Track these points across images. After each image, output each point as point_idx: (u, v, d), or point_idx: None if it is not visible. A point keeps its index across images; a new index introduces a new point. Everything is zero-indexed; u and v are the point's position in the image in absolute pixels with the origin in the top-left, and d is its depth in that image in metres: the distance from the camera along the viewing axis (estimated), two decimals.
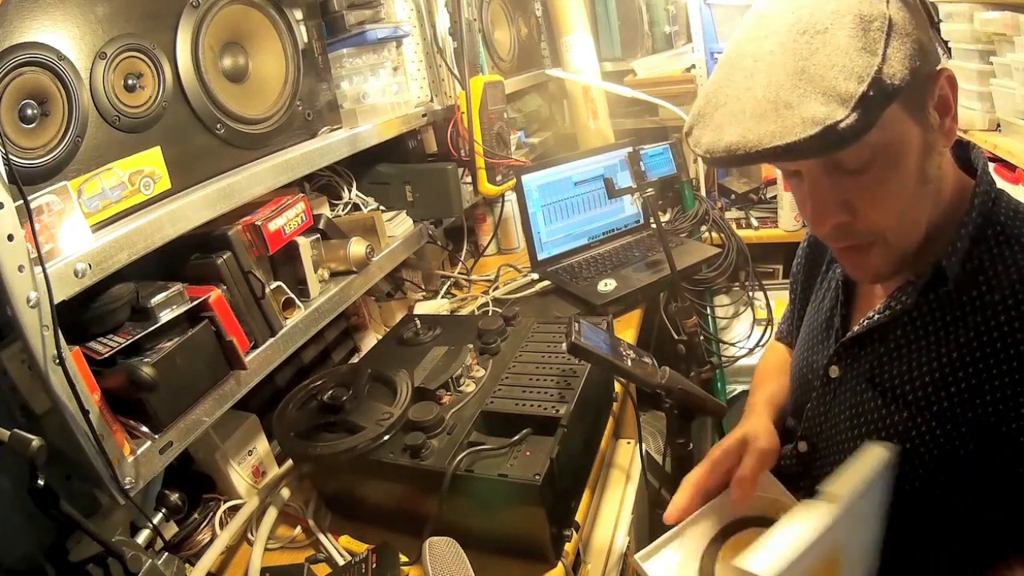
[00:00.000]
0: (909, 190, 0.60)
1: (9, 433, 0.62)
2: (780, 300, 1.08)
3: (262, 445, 1.09)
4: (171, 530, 0.93)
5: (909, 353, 0.66)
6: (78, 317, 0.75)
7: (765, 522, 0.68)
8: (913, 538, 0.68)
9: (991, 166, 1.30)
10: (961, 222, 0.63)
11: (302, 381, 1.03)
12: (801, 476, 0.79)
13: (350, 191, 1.34)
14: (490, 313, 1.45)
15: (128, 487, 0.73)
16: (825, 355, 0.76)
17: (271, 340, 0.96)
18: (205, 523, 0.97)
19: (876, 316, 0.69)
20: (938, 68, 0.58)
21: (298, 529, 0.97)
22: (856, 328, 0.72)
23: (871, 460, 0.58)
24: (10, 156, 0.65)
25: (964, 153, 0.69)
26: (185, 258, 0.91)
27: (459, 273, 1.76)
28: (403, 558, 0.84)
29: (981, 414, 0.60)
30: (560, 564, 0.84)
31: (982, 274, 0.62)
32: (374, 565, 0.82)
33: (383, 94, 1.28)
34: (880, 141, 0.55)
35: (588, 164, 1.66)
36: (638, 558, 0.68)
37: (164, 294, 0.82)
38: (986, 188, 0.64)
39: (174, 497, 0.92)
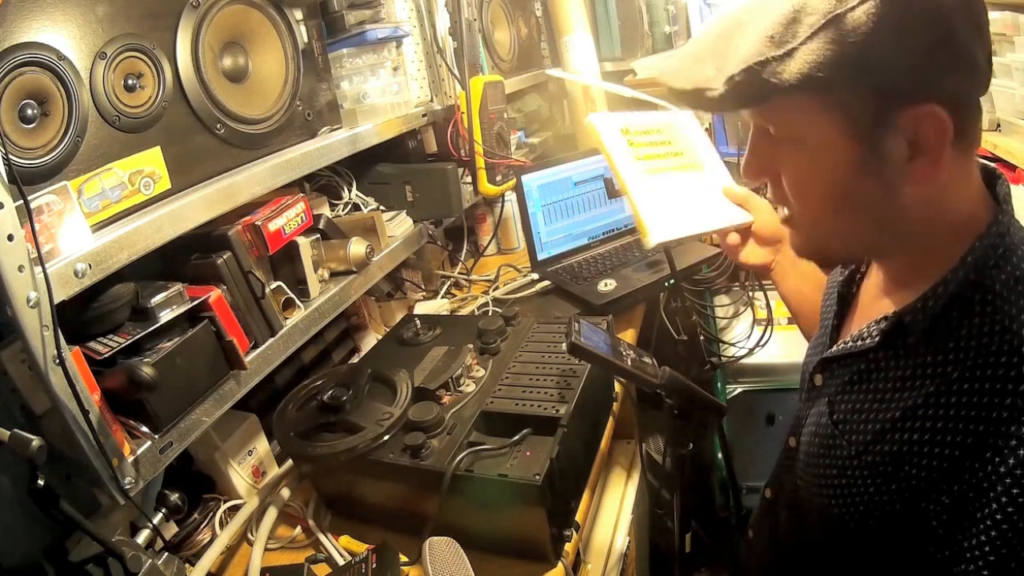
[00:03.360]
0: (819, 192, 0.58)
1: (9, 433, 0.62)
2: (780, 300, 1.10)
3: (262, 445, 1.09)
4: (171, 530, 0.93)
5: (863, 393, 0.64)
6: (78, 317, 0.75)
7: None
8: (859, 558, 0.67)
9: (991, 167, 1.30)
10: (944, 277, 0.56)
11: (302, 381, 1.03)
12: (789, 470, 0.79)
13: (350, 191, 1.34)
14: (490, 313, 1.45)
15: (128, 487, 0.73)
16: (813, 361, 0.76)
17: (271, 340, 0.96)
18: (205, 523, 0.97)
19: (849, 343, 0.67)
20: (923, 100, 0.51)
21: (298, 529, 0.97)
22: (834, 348, 0.70)
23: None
24: (10, 156, 0.65)
25: (992, 184, 0.62)
26: (185, 258, 0.91)
27: (459, 273, 1.76)
28: (403, 558, 0.84)
29: (905, 484, 0.57)
30: (560, 564, 0.84)
31: (952, 340, 0.56)
32: (374, 565, 0.82)
33: (383, 94, 1.28)
34: (790, 128, 0.57)
35: (588, 164, 1.66)
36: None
37: (164, 294, 0.82)
38: (992, 242, 0.55)
39: (174, 497, 0.92)
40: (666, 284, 1.45)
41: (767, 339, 1.63)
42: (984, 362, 0.53)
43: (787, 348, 1.76)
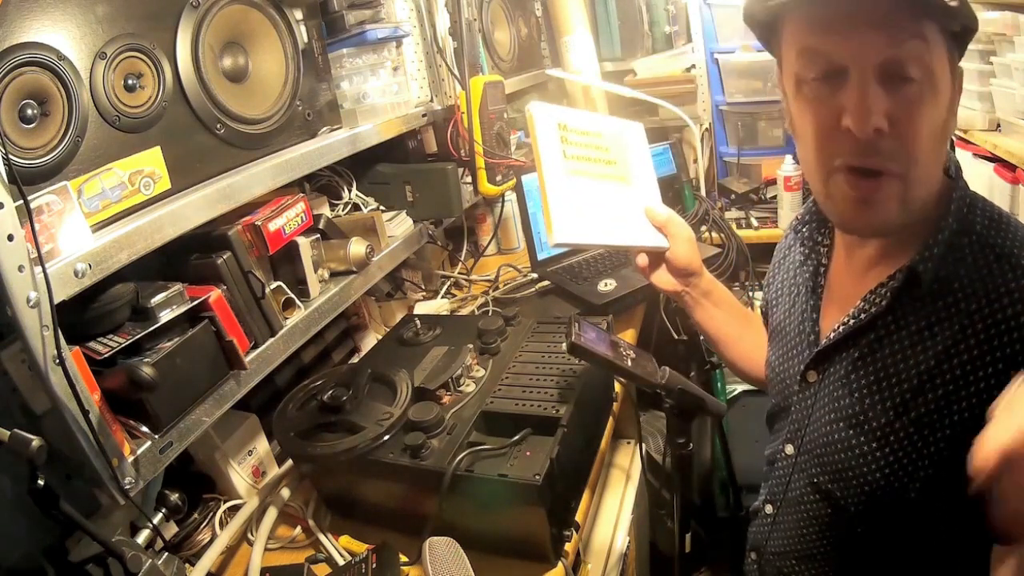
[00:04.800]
0: (936, 129, 0.60)
1: (9, 433, 0.62)
2: None
3: (262, 445, 1.09)
4: (171, 530, 0.93)
5: (884, 358, 0.66)
6: (78, 317, 0.75)
7: None
8: (896, 537, 0.69)
9: (991, 166, 1.31)
10: (937, 225, 0.64)
11: (302, 381, 1.03)
12: (791, 476, 0.79)
13: (350, 191, 1.34)
14: (490, 313, 1.45)
15: (128, 487, 0.73)
16: (801, 361, 0.77)
17: (271, 340, 0.96)
18: (205, 523, 0.97)
19: (851, 321, 0.69)
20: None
21: (298, 529, 0.98)
22: (832, 335, 0.71)
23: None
24: (10, 156, 0.65)
25: None
26: (185, 258, 0.91)
27: (459, 273, 1.76)
28: (403, 558, 0.84)
29: (958, 420, 0.61)
30: (560, 564, 0.84)
31: (957, 281, 0.62)
32: (374, 565, 0.82)
33: (383, 94, 1.28)
34: (932, 64, 0.58)
35: None
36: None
37: (164, 294, 0.82)
38: (962, 193, 0.65)
39: (174, 497, 0.92)
40: None
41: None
42: (994, 284, 0.60)
43: None
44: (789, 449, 0.79)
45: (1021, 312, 0.59)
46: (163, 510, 0.90)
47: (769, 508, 0.84)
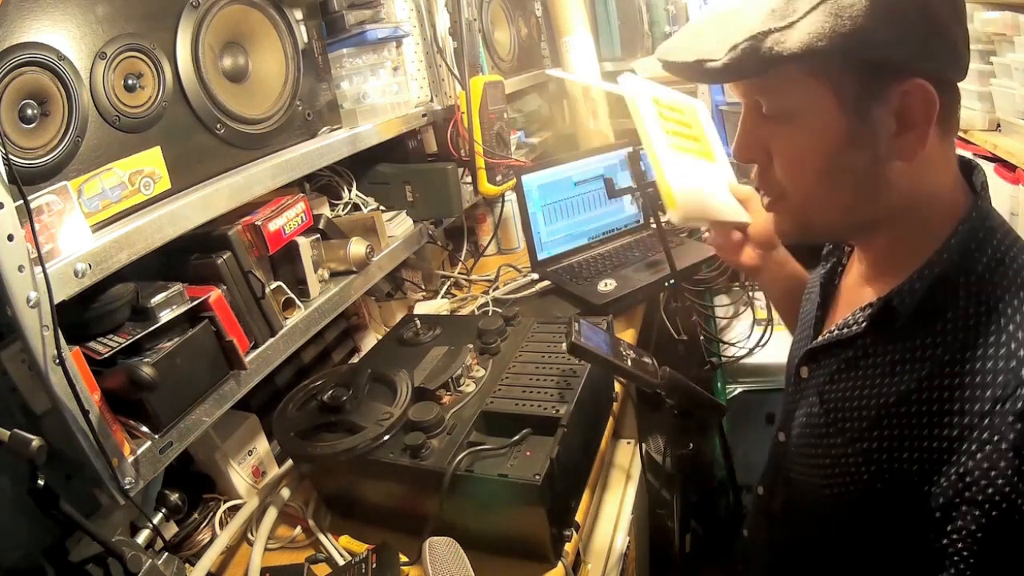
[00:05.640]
0: (813, 167, 0.59)
1: (9, 433, 0.62)
2: None
3: (262, 445, 1.09)
4: (171, 530, 0.93)
5: (854, 380, 0.65)
6: (78, 317, 0.75)
7: None
8: (850, 554, 0.68)
9: (991, 167, 1.30)
10: (929, 259, 0.58)
11: (302, 381, 1.03)
12: (780, 465, 0.79)
13: (350, 191, 1.34)
14: (490, 313, 1.45)
15: (128, 487, 0.73)
16: (799, 354, 0.76)
17: (271, 340, 0.96)
18: (205, 523, 0.97)
19: (835, 331, 0.67)
20: (910, 76, 0.53)
21: (298, 529, 0.97)
22: (820, 338, 0.71)
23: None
24: (10, 156, 0.65)
25: (969, 174, 0.63)
26: (185, 258, 0.91)
27: (459, 273, 1.76)
28: (403, 558, 0.84)
29: (907, 469, 0.58)
30: (560, 564, 0.84)
31: (940, 322, 0.57)
32: (374, 565, 0.82)
33: (383, 94, 1.28)
34: (784, 102, 0.58)
35: (588, 164, 1.66)
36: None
37: (164, 294, 0.82)
38: (973, 226, 0.58)
39: (174, 497, 0.92)
40: (666, 284, 1.44)
41: (767, 339, 1.63)
42: (974, 343, 0.55)
43: (787, 348, 1.76)
44: (781, 437, 0.79)
45: (991, 384, 0.54)
46: (163, 510, 0.90)
47: (761, 490, 0.85)
